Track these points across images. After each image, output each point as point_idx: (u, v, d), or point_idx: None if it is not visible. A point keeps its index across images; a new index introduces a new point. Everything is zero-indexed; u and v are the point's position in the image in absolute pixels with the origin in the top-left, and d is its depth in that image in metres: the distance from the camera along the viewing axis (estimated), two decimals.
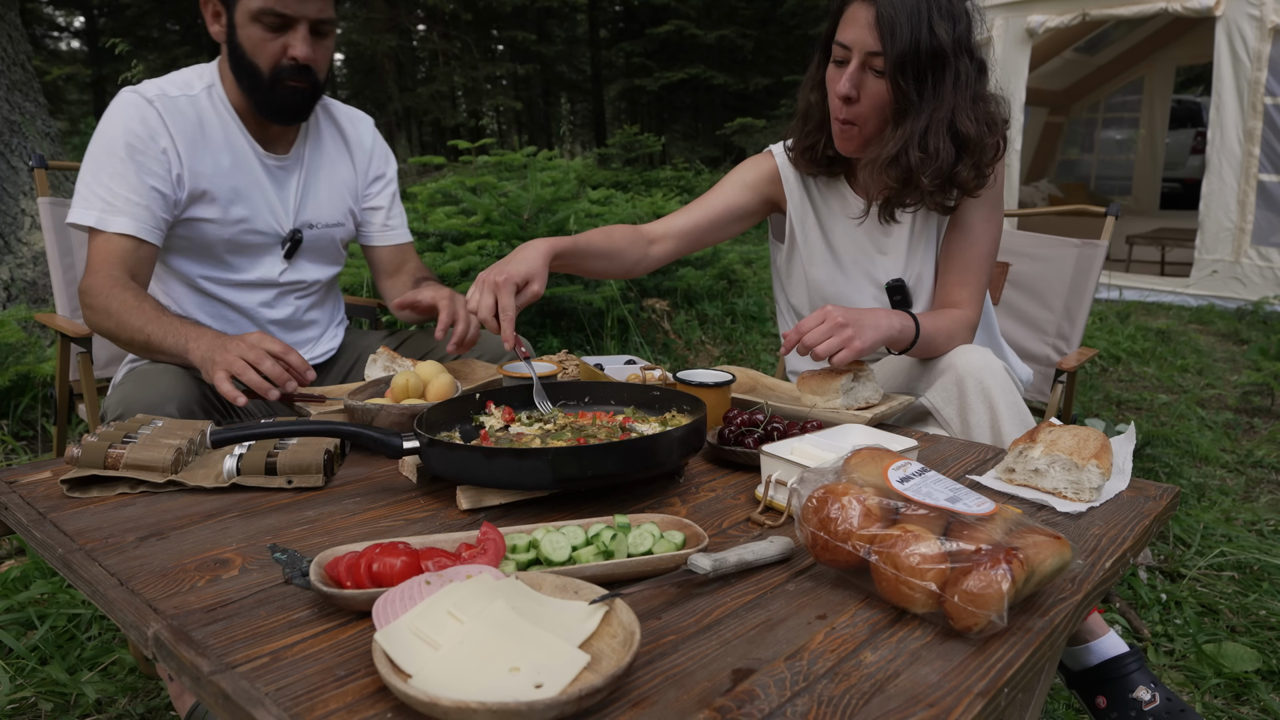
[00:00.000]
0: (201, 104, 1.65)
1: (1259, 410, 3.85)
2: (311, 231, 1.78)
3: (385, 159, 1.90)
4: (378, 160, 1.89)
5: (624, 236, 1.70)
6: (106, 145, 1.58)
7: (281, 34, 1.58)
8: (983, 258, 1.68)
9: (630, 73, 16.59)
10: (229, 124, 1.67)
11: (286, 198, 1.74)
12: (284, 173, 1.74)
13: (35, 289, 3.77)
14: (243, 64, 1.60)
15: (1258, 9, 5.53)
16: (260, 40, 1.57)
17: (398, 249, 1.91)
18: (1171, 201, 10.20)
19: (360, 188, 1.87)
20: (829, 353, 1.41)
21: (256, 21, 1.56)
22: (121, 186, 1.56)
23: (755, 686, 0.71)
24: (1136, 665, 1.43)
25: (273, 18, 1.56)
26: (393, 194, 1.91)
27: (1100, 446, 1.14)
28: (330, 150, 1.81)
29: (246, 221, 1.69)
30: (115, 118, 1.59)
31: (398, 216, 1.91)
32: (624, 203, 5.98)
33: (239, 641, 0.77)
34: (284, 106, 1.64)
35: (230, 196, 1.66)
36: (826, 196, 1.78)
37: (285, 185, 1.74)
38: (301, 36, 1.58)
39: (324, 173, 1.79)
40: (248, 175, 1.68)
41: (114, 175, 1.57)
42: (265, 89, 1.61)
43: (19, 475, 1.20)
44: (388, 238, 1.90)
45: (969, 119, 1.52)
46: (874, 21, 1.46)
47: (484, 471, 1.06)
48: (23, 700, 1.64)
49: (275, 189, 1.72)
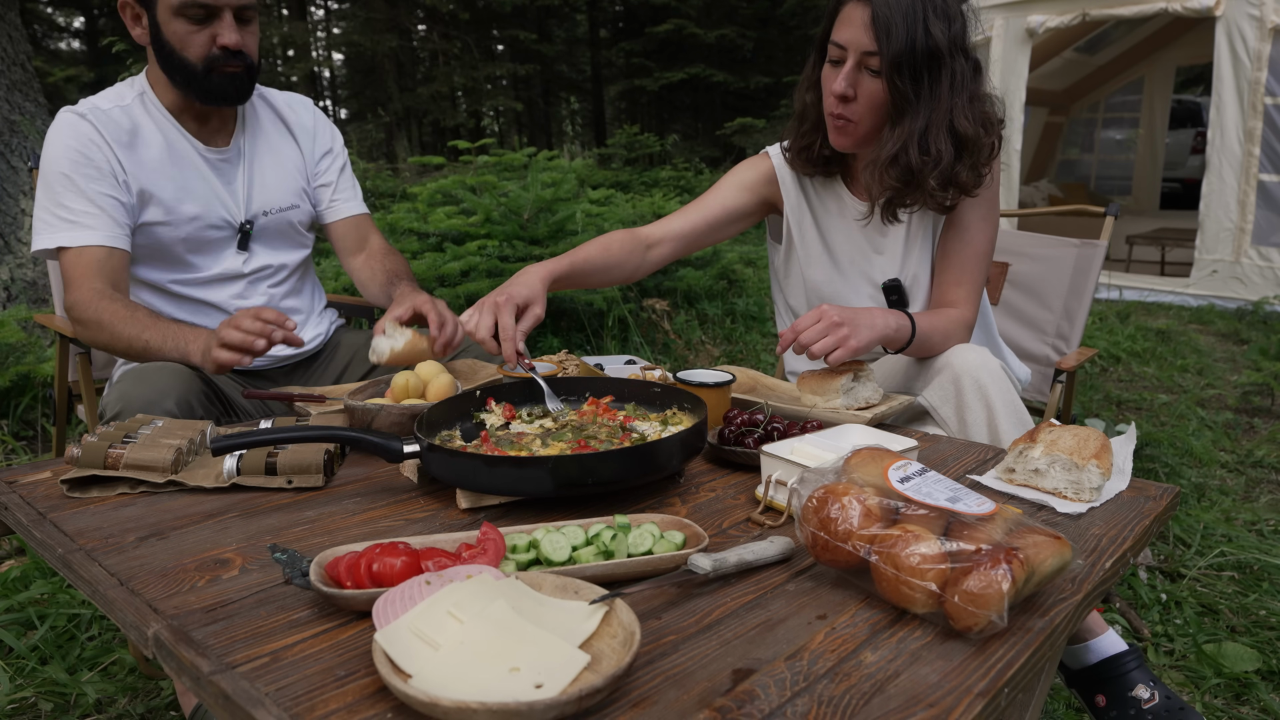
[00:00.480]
0: (135, 112, 1.67)
1: (1259, 410, 3.85)
2: (266, 218, 1.79)
3: (330, 134, 1.92)
4: (322, 137, 1.90)
5: (621, 245, 1.70)
6: (52, 167, 1.61)
7: (206, 25, 1.59)
8: (979, 257, 1.68)
9: (630, 73, 16.59)
10: (165, 125, 1.69)
11: (235, 189, 1.76)
12: (228, 165, 1.76)
13: (35, 289, 3.77)
14: (173, 60, 1.61)
15: (1258, 9, 5.53)
16: (186, 34, 1.59)
17: (353, 222, 1.92)
18: (1171, 201, 10.20)
19: (309, 168, 1.88)
20: (824, 351, 1.41)
21: (180, 16, 1.58)
22: (77, 202, 1.59)
23: (755, 686, 0.71)
24: (1136, 664, 1.44)
25: (196, 9, 1.57)
26: (340, 167, 1.92)
27: (1100, 446, 1.14)
28: (272, 135, 1.83)
29: (199, 218, 1.70)
30: (54, 140, 1.62)
31: (347, 189, 1.92)
32: (624, 203, 5.98)
33: (239, 641, 0.77)
34: (224, 92, 1.65)
35: (178, 196, 1.68)
36: (823, 197, 1.78)
37: (231, 177, 1.76)
38: (228, 24, 1.60)
39: (268, 158, 1.81)
40: (191, 172, 1.70)
41: (65, 193, 1.59)
42: (200, 79, 1.62)
43: (19, 475, 1.20)
44: (338, 211, 1.91)
45: (967, 119, 1.53)
46: (869, 21, 1.46)
47: (484, 479, 1.06)
48: (23, 700, 1.64)
49: (222, 182, 1.74)
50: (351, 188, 1.94)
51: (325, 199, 1.90)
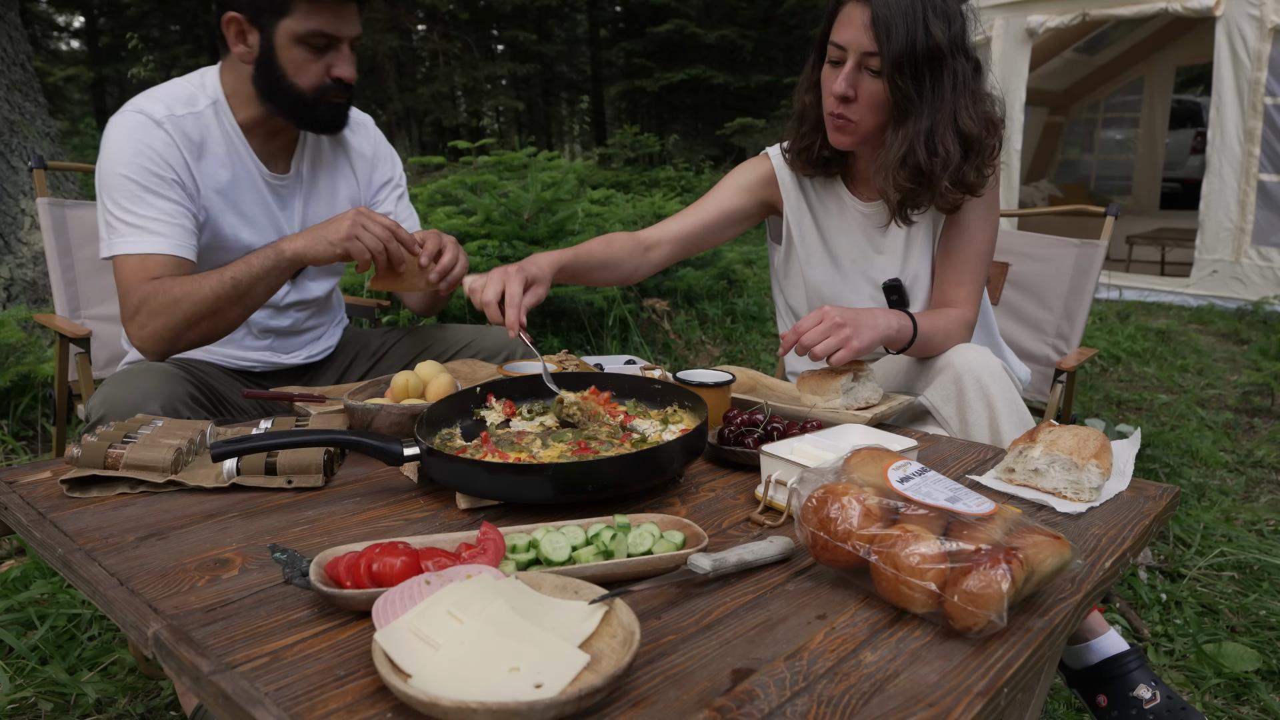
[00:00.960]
0: (207, 122, 1.60)
1: (1259, 410, 3.85)
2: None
3: (391, 162, 1.88)
4: (382, 166, 1.86)
5: (623, 245, 1.70)
6: (122, 172, 1.52)
7: (324, 54, 1.56)
8: (979, 257, 1.68)
9: (630, 73, 16.58)
10: (234, 143, 1.63)
11: (291, 217, 1.72)
12: (287, 191, 1.71)
13: (35, 289, 3.77)
14: (280, 85, 1.56)
15: (1258, 9, 5.53)
16: (304, 62, 1.54)
17: None
18: (1171, 201, 10.20)
19: (365, 198, 1.84)
20: (827, 352, 1.41)
21: (301, 44, 1.53)
22: (147, 210, 1.51)
23: (755, 686, 0.71)
24: (1137, 664, 1.44)
25: (320, 39, 1.53)
26: (399, 196, 1.88)
27: (1100, 446, 1.14)
28: (329, 162, 1.78)
29: (251, 244, 1.65)
30: (125, 142, 1.53)
31: (408, 220, 1.89)
32: (624, 203, 5.98)
33: (239, 641, 0.77)
34: (328, 121, 1.63)
35: (236, 225, 1.64)
36: (823, 197, 1.78)
37: (289, 205, 1.72)
38: (345, 56, 1.57)
39: (323, 187, 1.77)
40: (253, 197, 1.66)
41: (136, 201, 1.51)
42: (307, 107, 1.58)
43: (19, 475, 1.20)
44: None
45: (971, 118, 1.53)
46: (869, 22, 1.46)
47: (484, 485, 1.07)
48: (23, 700, 1.64)
49: (280, 209, 1.70)
50: (410, 217, 1.90)
51: None
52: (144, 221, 1.51)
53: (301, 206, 1.73)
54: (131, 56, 6.90)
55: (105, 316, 2.14)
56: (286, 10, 1.51)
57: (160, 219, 1.52)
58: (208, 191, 1.60)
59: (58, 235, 2.13)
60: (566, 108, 22.32)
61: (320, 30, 1.52)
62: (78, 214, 2.17)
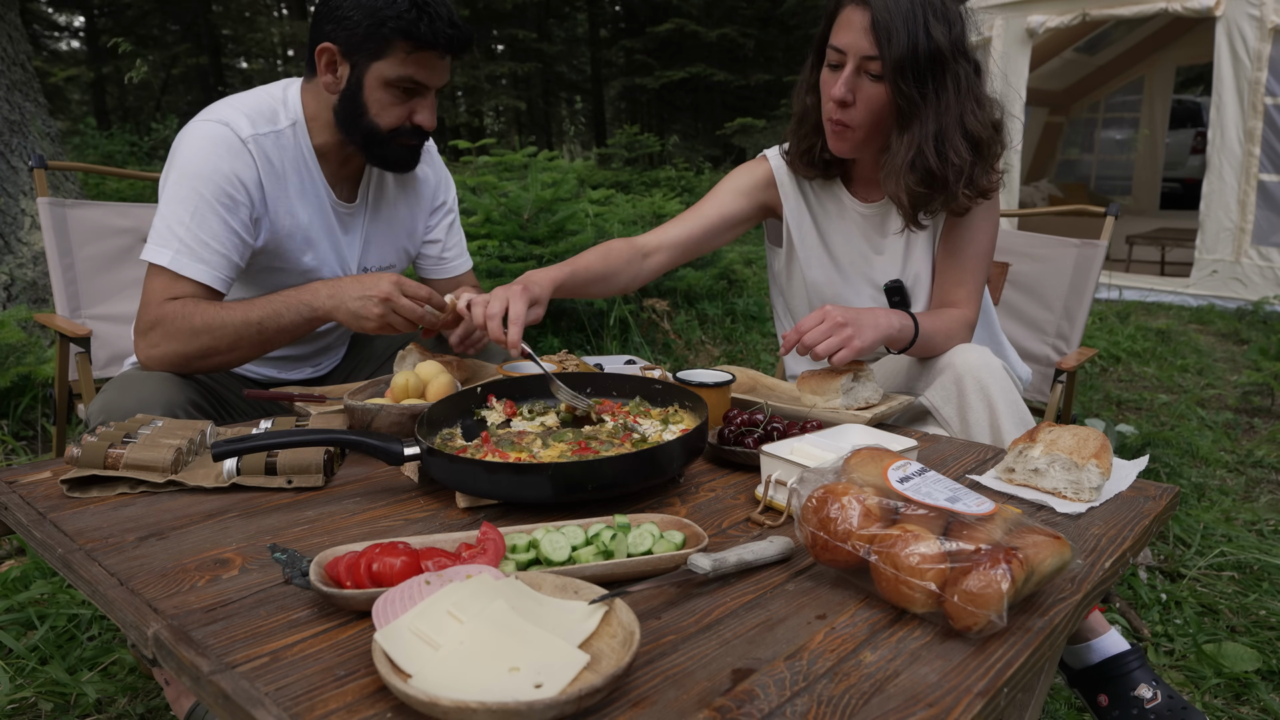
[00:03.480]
0: (285, 143, 1.58)
1: (1259, 410, 3.85)
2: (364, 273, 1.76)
3: (446, 186, 1.88)
4: (440, 193, 1.86)
5: (620, 254, 1.69)
6: (195, 183, 1.49)
7: (409, 99, 1.56)
8: (980, 257, 1.68)
9: (631, 71, 16.58)
10: (308, 167, 1.62)
11: (353, 242, 1.72)
12: (351, 219, 1.71)
13: (35, 289, 3.77)
14: (360, 122, 1.56)
15: (1258, 9, 5.53)
16: (388, 104, 1.54)
17: (455, 281, 1.90)
18: (1171, 201, 10.20)
19: (419, 226, 1.84)
20: (828, 352, 1.41)
21: (390, 87, 1.53)
22: (204, 231, 1.49)
23: (755, 686, 0.71)
24: (1138, 663, 1.44)
25: (410, 84, 1.54)
26: (450, 223, 1.88)
27: (1100, 446, 1.14)
28: (392, 190, 1.78)
29: (313, 271, 1.65)
30: (209, 153, 1.50)
31: (455, 247, 1.89)
32: (624, 203, 5.98)
33: (239, 641, 0.77)
34: (397, 163, 1.64)
35: (303, 246, 1.63)
36: (823, 199, 1.78)
37: (351, 231, 1.72)
38: (429, 104, 1.58)
39: (384, 215, 1.77)
40: (319, 222, 1.65)
41: (198, 217, 1.48)
42: (380, 146, 1.59)
43: (19, 475, 1.20)
44: (444, 270, 1.89)
45: (977, 121, 1.53)
46: (869, 26, 1.46)
47: (485, 484, 1.07)
48: (23, 700, 1.64)
49: (343, 235, 1.70)
50: (459, 243, 1.90)
51: (434, 254, 1.87)
52: (197, 243, 1.48)
53: (363, 232, 1.74)
54: (127, 58, 6.90)
55: (106, 316, 2.14)
56: (384, 54, 1.51)
57: (213, 245, 1.49)
58: (278, 213, 1.58)
59: (58, 235, 2.12)
60: (566, 107, 22.32)
61: (411, 77, 1.53)
62: (78, 214, 2.17)
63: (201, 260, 1.49)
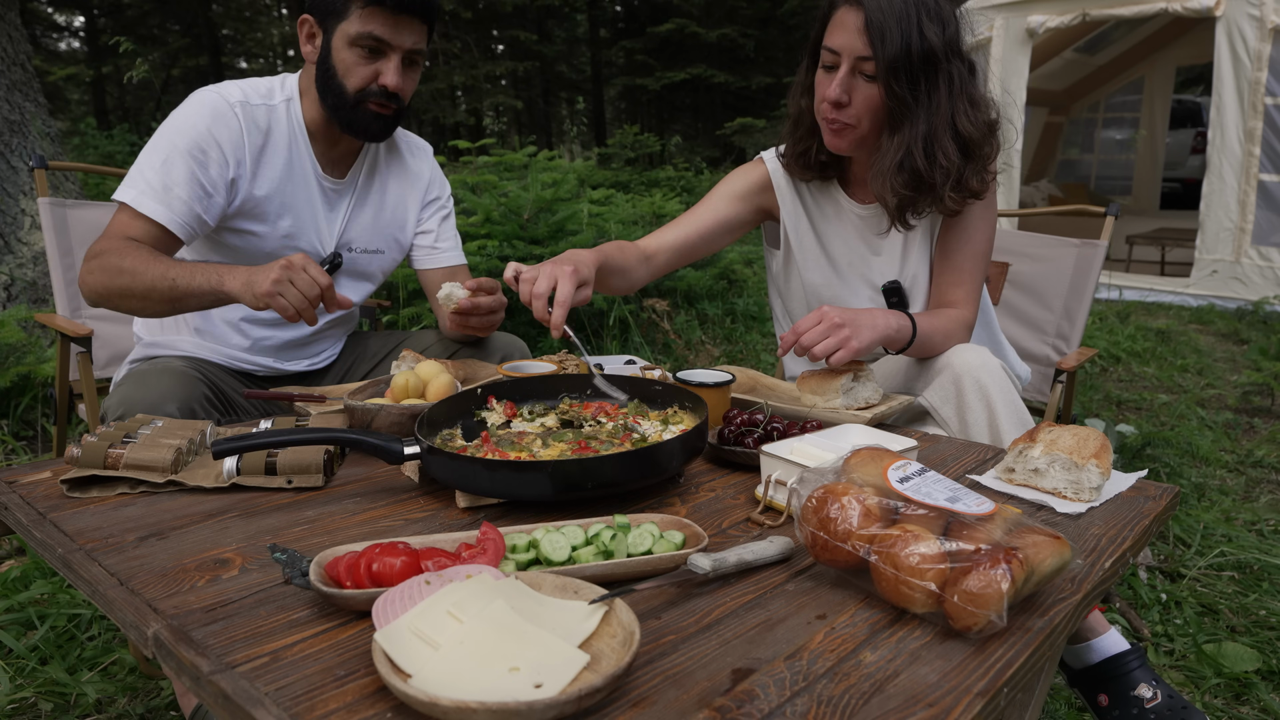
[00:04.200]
0: (278, 115, 1.67)
1: (1259, 410, 3.85)
2: (349, 254, 1.79)
3: (440, 185, 1.93)
4: (435, 187, 1.91)
5: (630, 252, 1.70)
6: (172, 135, 1.58)
7: (374, 60, 1.60)
8: (978, 257, 1.68)
9: (631, 71, 16.57)
10: (297, 141, 1.69)
11: (334, 219, 1.76)
12: (337, 196, 1.76)
13: (35, 289, 3.77)
14: (330, 84, 1.62)
15: (1258, 9, 5.53)
16: (353, 63, 1.60)
17: (447, 271, 1.91)
18: (1171, 201, 10.21)
19: (412, 217, 1.88)
20: (826, 353, 1.41)
21: (354, 45, 1.58)
22: (169, 177, 1.55)
23: (755, 686, 0.71)
24: (1138, 663, 1.44)
25: (371, 41, 1.58)
26: (443, 217, 1.92)
27: (1100, 446, 1.14)
28: (386, 178, 1.83)
29: (291, 237, 1.70)
30: (192, 112, 1.59)
31: (448, 240, 1.92)
32: (624, 203, 5.98)
33: (239, 641, 0.77)
34: (365, 127, 1.66)
35: (280, 212, 1.68)
36: (820, 201, 1.77)
37: (336, 208, 1.76)
38: (394, 65, 1.60)
39: (373, 199, 1.81)
40: (302, 193, 1.70)
41: (167, 164, 1.56)
42: (348, 109, 1.63)
43: (19, 475, 1.20)
44: (435, 260, 1.91)
45: (969, 121, 1.53)
46: (863, 26, 1.46)
47: (485, 482, 1.07)
48: (23, 700, 1.64)
49: (325, 210, 1.74)
50: (453, 238, 1.94)
51: (425, 245, 1.90)
52: (161, 187, 1.55)
53: (348, 211, 1.78)
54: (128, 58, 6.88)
55: (106, 316, 2.14)
56: (345, 14, 1.58)
57: (175, 190, 1.55)
58: (262, 179, 1.65)
59: (59, 234, 2.12)
60: (566, 107, 22.31)
61: (371, 34, 1.57)
62: (78, 213, 2.17)
63: (162, 203, 1.55)
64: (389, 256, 1.87)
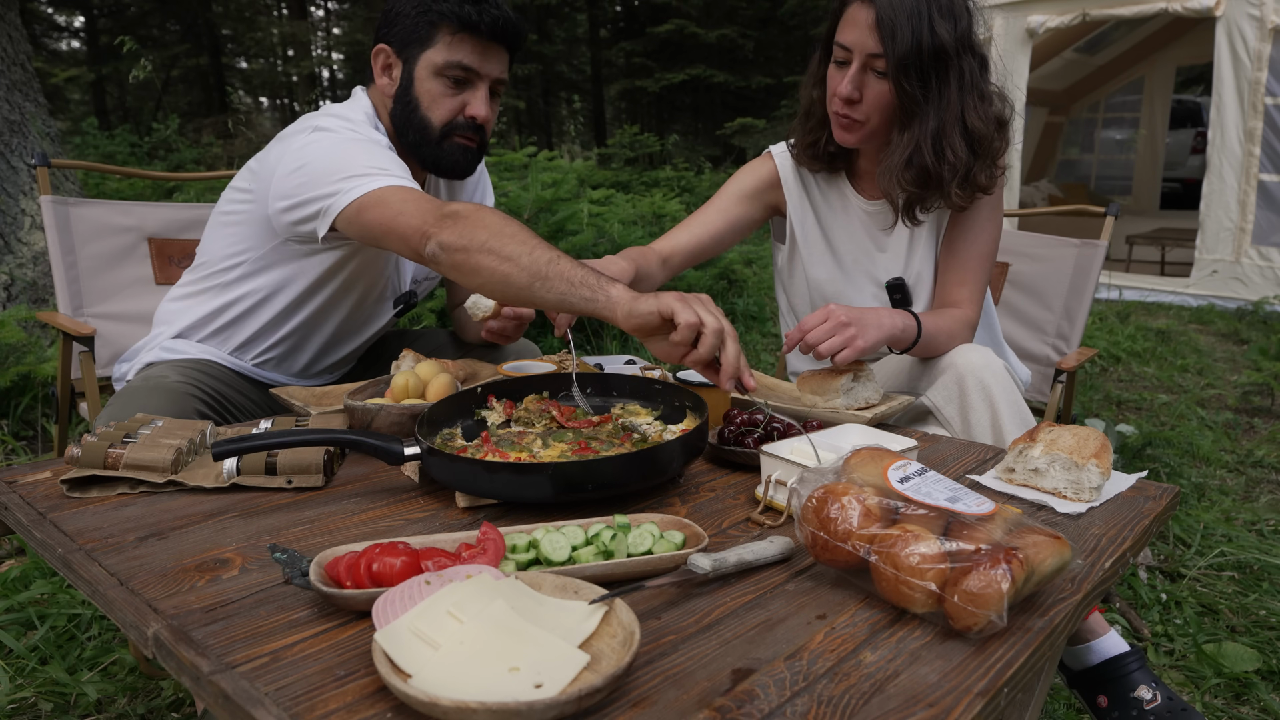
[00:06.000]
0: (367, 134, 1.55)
1: (1259, 410, 3.85)
2: (419, 286, 1.77)
3: (485, 193, 1.87)
4: (478, 194, 1.87)
5: (650, 258, 1.70)
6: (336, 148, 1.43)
7: (461, 91, 1.55)
8: (983, 257, 1.68)
9: (631, 72, 16.56)
10: None
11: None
12: None
13: (35, 289, 3.77)
14: (413, 118, 1.55)
15: (1258, 9, 5.53)
16: (439, 95, 1.54)
17: None
18: (1171, 201, 10.21)
19: None
20: (831, 351, 1.41)
21: (439, 76, 1.53)
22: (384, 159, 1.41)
23: (755, 686, 0.71)
24: (1138, 665, 1.44)
25: (459, 71, 1.52)
26: None
27: (1100, 446, 1.14)
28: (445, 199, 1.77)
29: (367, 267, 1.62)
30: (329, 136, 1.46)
31: None
32: (624, 203, 5.98)
33: (239, 641, 0.77)
34: (453, 164, 1.59)
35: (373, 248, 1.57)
36: (827, 195, 1.78)
37: None
38: (482, 95, 1.56)
39: None
40: None
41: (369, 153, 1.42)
42: (434, 144, 1.56)
43: (19, 475, 1.20)
44: None
45: (979, 117, 1.53)
46: (874, 23, 1.46)
47: (485, 484, 1.07)
48: (23, 700, 1.64)
49: None
50: None
51: None
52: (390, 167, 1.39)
53: None
54: (130, 58, 6.88)
55: (108, 315, 2.14)
56: (430, 42, 1.52)
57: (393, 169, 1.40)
58: None
59: (61, 233, 2.12)
60: (566, 107, 22.31)
61: (459, 63, 1.52)
62: (81, 212, 2.17)
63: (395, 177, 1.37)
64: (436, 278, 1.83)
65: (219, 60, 16.22)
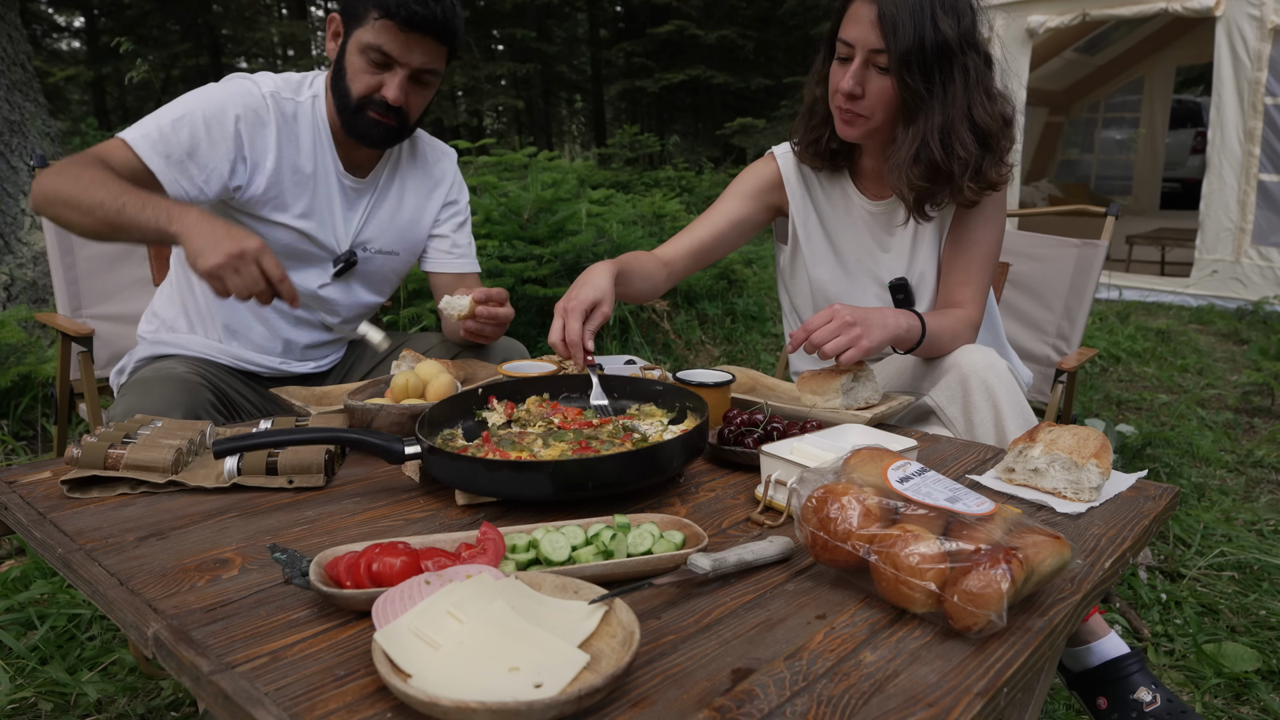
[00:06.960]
0: (304, 111, 1.68)
1: (1259, 410, 3.85)
2: (364, 254, 1.79)
3: (459, 190, 1.93)
4: (454, 190, 1.91)
5: (650, 261, 1.70)
6: (196, 102, 1.58)
7: (381, 72, 1.60)
8: (985, 257, 1.68)
9: (630, 73, 16.56)
10: (320, 138, 1.70)
11: (352, 217, 1.76)
12: (356, 195, 1.76)
13: (35, 289, 3.77)
14: (339, 85, 1.64)
15: (1258, 9, 5.53)
16: (360, 70, 1.60)
17: (457, 277, 1.90)
18: (1171, 201, 10.21)
19: (428, 219, 1.88)
20: (836, 351, 1.41)
21: (363, 53, 1.59)
22: (176, 135, 1.54)
23: (755, 686, 0.71)
24: (1137, 666, 1.44)
25: (378, 54, 1.58)
26: (460, 223, 1.92)
27: (1100, 446, 1.14)
28: (406, 181, 1.83)
29: (308, 231, 1.70)
30: (222, 90, 1.61)
31: (464, 246, 1.92)
32: (624, 203, 5.98)
33: (239, 641, 0.77)
34: (364, 134, 1.66)
35: (298, 204, 1.68)
36: (830, 195, 1.78)
37: (355, 206, 1.76)
38: (398, 81, 1.60)
39: (391, 200, 1.81)
40: (322, 189, 1.70)
41: (178, 123, 1.55)
42: (349, 112, 1.64)
43: (19, 475, 1.20)
44: (448, 264, 1.90)
45: (986, 113, 1.53)
46: (876, 19, 1.46)
47: (485, 482, 1.07)
48: (23, 700, 1.64)
49: (344, 208, 1.74)
50: (467, 244, 1.93)
51: (441, 248, 1.89)
52: (163, 141, 1.53)
53: (366, 210, 1.78)
54: (128, 58, 6.89)
55: (108, 315, 2.14)
56: (362, 20, 1.58)
57: (177, 149, 1.54)
58: (283, 171, 1.65)
59: (60, 233, 2.12)
60: (566, 107, 22.31)
61: (379, 47, 1.57)
62: None
63: (159, 153, 1.53)
64: (403, 259, 1.87)
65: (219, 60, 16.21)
